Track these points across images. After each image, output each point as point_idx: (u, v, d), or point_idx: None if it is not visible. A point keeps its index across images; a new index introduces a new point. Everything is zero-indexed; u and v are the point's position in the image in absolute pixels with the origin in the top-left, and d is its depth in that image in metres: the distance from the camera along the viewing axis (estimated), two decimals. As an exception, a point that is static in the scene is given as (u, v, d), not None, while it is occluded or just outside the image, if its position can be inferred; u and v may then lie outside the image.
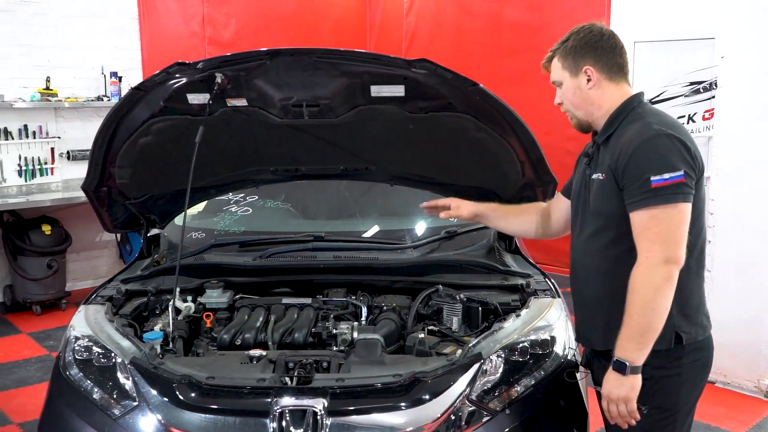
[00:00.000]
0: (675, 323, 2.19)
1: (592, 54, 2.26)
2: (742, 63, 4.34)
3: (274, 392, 2.30)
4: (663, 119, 2.21)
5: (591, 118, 2.32)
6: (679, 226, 2.11)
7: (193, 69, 2.57)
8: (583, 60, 2.27)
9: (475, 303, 2.93)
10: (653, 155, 2.11)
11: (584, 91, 2.28)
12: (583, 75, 2.27)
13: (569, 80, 2.30)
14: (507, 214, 2.82)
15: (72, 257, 6.62)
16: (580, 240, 2.38)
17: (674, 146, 2.12)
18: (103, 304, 2.94)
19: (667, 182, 2.08)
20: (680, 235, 2.11)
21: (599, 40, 2.27)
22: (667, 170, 2.08)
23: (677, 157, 2.10)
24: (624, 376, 2.14)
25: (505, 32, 7.32)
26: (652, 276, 2.10)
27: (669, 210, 2.09)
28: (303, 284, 3.17)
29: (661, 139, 2.12)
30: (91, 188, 3.06)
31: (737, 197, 4.37)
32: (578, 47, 2.27)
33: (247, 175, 3.28)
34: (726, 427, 4.12)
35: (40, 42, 6.38)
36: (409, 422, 2.29)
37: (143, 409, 2.36)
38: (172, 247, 3.47)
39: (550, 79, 2.38)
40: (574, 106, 2.33)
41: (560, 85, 2.34)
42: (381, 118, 2.82)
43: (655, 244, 2.10)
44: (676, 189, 2.09)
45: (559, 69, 2.32)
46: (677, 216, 2.10)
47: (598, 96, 2.28)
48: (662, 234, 2.09)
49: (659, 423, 2.27)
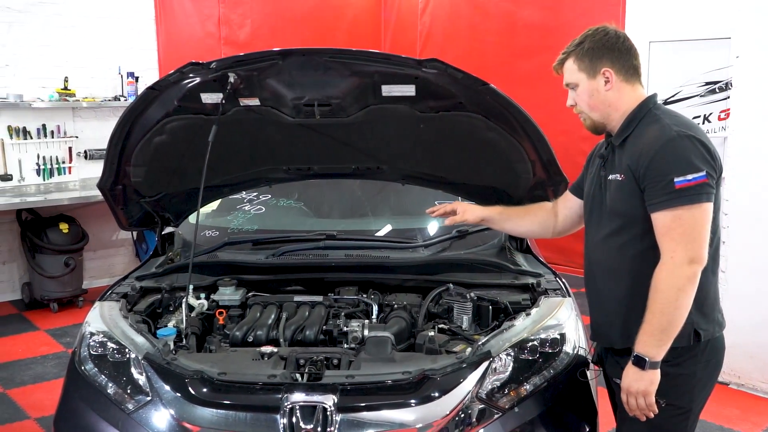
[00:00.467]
0: (693, 320, 2.23)
1: (610, 56, 2.27)
2: (757, 63, 4.31)
3: (284, 388, 2.32)
4: (680, 120, 2.24)
5: (607, 120, 2.33)
6: (704, 226, 2.15)
7: (206, 69, 2.61)
8: (601, 62, 2.27)
9: (485, 302, 2.95)
10: (675, 156, 2.13)
11: (602, 93, 2.29)
12: (601, 77, 2.27)
13: (586, 82, 2.30)
14: (513, 216, 2.83)
15: (89, 255, 6.69)
16: (597, 240, 2.39)
17: (695, 147, 2.14)
18: (117, 300, 2.98)
19: (691, 183, 2.11)
20: (704, 235, 2.15)
21: (615, 42, 2.28)
22: (690, 171, 2.11)
23: (699, 157, 2.13)
24: (643, 370, 2.18)
25: (520, 32, 7.30)
26: (676, 276, 2.13)
27: (693, 210, 2.12)
28: (315, 282, 3.20)
29: (683, 140, 2.14)
30: (106, 186, 3.11)
31: (752, 198, 4.34)
32: (595, 49, 2.27)
33: (259, 173, 3.31)
34: (739, 429, 4.10)
35: (58, 42, 6.45)
36: (418, 419, 2.31)
37: (156, 404, 2.39)
38: (186, 245, 3.50)
39: (564, 81, 2.38)
40: (591, 108, 2.33)
41: (575, 87, 2.34)
42: (392, 118, 2.84)
43: (679, 245, 2.13)
44: (700, 189, 2.11)
45: (574, 71, 2.31)
46: (701, 216, 2.13)
47: (615, 98, 2.29)
48: (686, 234, 2.12)
49: (672, 419, 2.30)
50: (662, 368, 2.21)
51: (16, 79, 6.25)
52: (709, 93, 5.79)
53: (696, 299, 2.20)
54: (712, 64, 5.62)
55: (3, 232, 6.42)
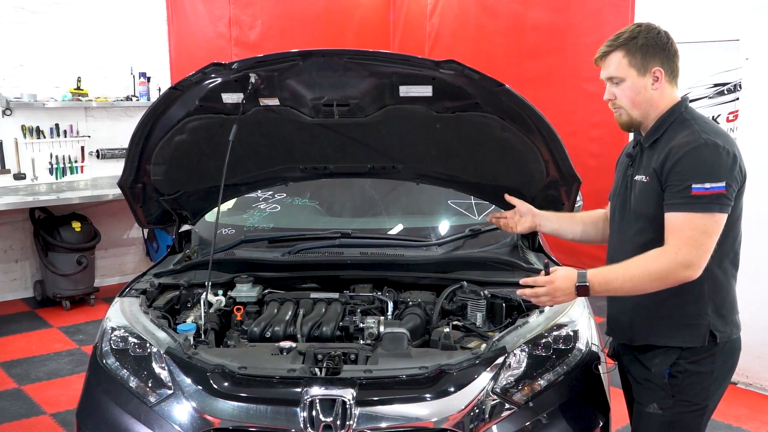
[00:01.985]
0: (710, 322, 2.29)
1: (661, 55, 2.28)
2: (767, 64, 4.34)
3: (304, 382, 2.37)
4: (710, 127, 2.26)
5: (645, 118, 2.35)
6: (711, 236, 2.17)
7: (228, 69, 2.65)
8: (653, 60, 2.27)
9: (498, 299, 2.99)
10: (699, 163, 2.17)
11: (648, 91, 2.30)
12: (650, 75, 2.28)
13: (635, 78, 2.29)
14: (566, 222, 2.84)
15: (100, 254, 6.75)
16: (620, 238, 2.44)
17: (720, 157, 2.17)
18: (137, 296, 3.04)
19: (708, 192, 2.15)
20: (709, 245, 2.18)
21: (667, 42, 2.30)
22: (710, 180, 2.15)
23: (722, 167, 2.16)
24: (576, 291, 2.26)
25: (529, 33, 7.32)
26: (670, 269, 2.18)
27: (705, 219, 2.16)
28: (330, 279, 3.25)
29: (709, 148, 2.18)
30: (126, 185, 3.15)
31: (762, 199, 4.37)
32: (650, 46, 2.27)
33: (277, 172, 3.36)
34: (747, 428, 4.13)
35: (71, 43, 6.51)
36: (434, 413, 2.35)
37: (178, 397, 2.44)
38: (203, 242, 3.55)
39: (606, 74, 2.35)
40: (633, 104, 2.33)
41: (620, 82, 2.32)
42: (409, 118, 2.88)
43: (686, 246, 2.16)
44: (715, 199, 2.15)
45: (624, 65, 2.29)
46: (711, 226, 2.17)
47: (658, 97, 2.31)
48: (693, 239, 2.16)
49: (686, 415, 2.36)
50: (680, 365, 2.30)
51: (29, 78, 6.32)
52: (718, 95, 5.81)
53: (715, 301, 2.28)
54: (721, 65, 5.64)
55: (16, 230, 6.48)
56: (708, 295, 2.29)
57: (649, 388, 2.40)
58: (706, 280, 2.26)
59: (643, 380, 2.42)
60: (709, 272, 2.24)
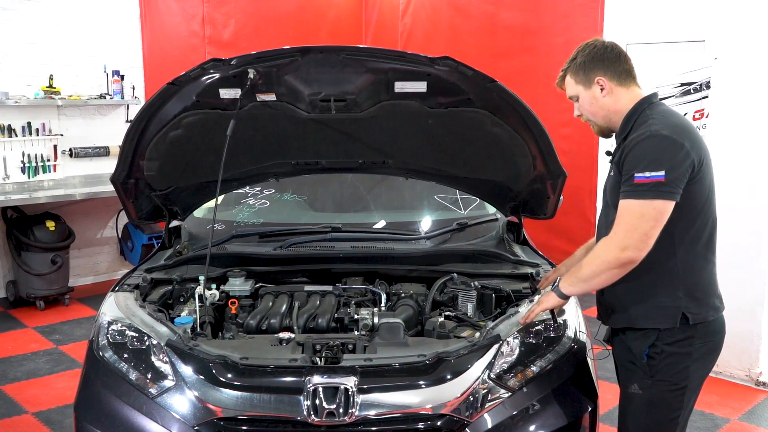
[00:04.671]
0: (682, 305, 2.40)
1: (601, 65, 2.45)
2: (734, 64, 4.51)
3: (306, 371, 2.43)
4: (666, 121, 2.36)
5: (610, 123, 2.51)
6: (648, 221, 2.30)
7: (227, 65, 2.68)
8: (594, 72, 2.46)
9: (488, 290, 3.08)
10: (643, 154, 2.30)
11: (600, 99, 2.47)
12: (596, 86, 2.46)
13: (584, 92, 2.49)
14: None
15: (74, 253, 6.67)
16: (605, 229, 2.54)
17: (664, 147, 2.29)
18: (131, 291, 3.05)
19: (647, 180, 2.27)
20: (646, 229, 2.30)
21: (604, 52, 2.46)
22: (650, 169, 2.28)
23: (664, 157, 2.27)
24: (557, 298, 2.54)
25: (500, 34, 7.45)
26: (608, 252, 2.36)
27: (643, 205, 2.29)
28: (322, 273, 3.29)
29: (655, 139, 2.30)
30: (119, 180, 3.15)
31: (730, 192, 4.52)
32: (587, 62, 2.47)
33: (269, 168, 3.39)
34: (719, 414, 4.29)
35: (43, 40, 6.45)
36: (434, 398, 2.43)
37: (180, 388, 2.47)
38: (193, 237, 3.57)
39: (567, 95, 2.57)
40: (593, 115, 2.52)
41: (577, 99, 2.53)
42: (402, 113, 2.94)
43: (622, 230, 2.33)
44: (653, 187, 2.27)
45: (572, 84, 2.51)
46: (649, 212, 2.29)
47: (612, 102, 2.46)
48: (630, 224, 2.31)
49: (666, 394, 2.47)
50: (657, 346, 2.43)
51: (1, 76, 6.23)
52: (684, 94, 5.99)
53: (686, 284, 2.40)
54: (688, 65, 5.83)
55: (-13, 230, 6.38)
56: (680, 279, 2.40)
57: (630, 369, 2.52)
58: (677, 264, 2.39)
59: (627, 362, 2.54)
60: (680, 256, 2.39)
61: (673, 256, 2.39)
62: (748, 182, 4.48)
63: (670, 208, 2.30)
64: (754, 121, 4.45)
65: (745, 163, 4.48)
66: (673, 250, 2.39)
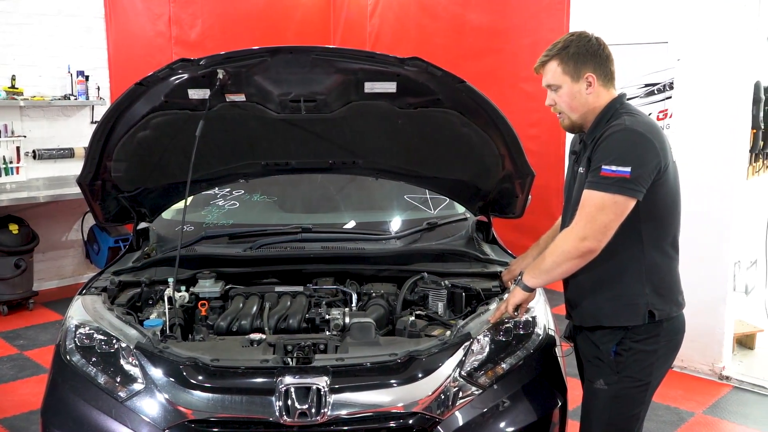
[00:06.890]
0: (649, 301, 2.45)
1: (593, 62, 2.43)
2: (697, 65, 4.60)
3: (277, 372, 2.42)
4: (636, 119, 2.41)
5: (584, 120, 2.51)
6: (608, 214, 2.33)
7: (195, 65, 2.66)
8: (585, 67, 2.43)
9: (458, 289, 3.10)
10: (612, 147, 2.33)
11: (583, 95, 2.46)
12: (584, 81, 2.44)
13: (569, 85, 2.45)
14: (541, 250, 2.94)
15: (38, 257, 6.55)
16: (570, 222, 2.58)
17: (634, 143, 2.33)
18: (98, 294, 3.01)
19: (613, 174, 2.31)
20: (605, 222, 2.34)
21: (598, 49, 2.45)
22: (616, 163, 2.31)
23: (632, 154, 2.31)
24: (523, 291, 2.58)
25: (468, 34, 7.49)
26: (568, 242, 2.40)
27: (604, 198, 2.33)
28: (293, 274, 3.28)
29: (625, 134, 2.34)
30: (86, 181, 3.11)
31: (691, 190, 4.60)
32: (580, 54, 2.43)
33: (238, 168, 3.37)
34: (684, 408, 4.37)
35: (5, 40, 6.32)
36: (405, 397, 2.44)
37: (150, 391, 2.45)
38: (161, 239, 3.53)
39: (545, 82, 2.51)
40: (571, 109, 2.49)
41: (557, 89, 2.48)
42: (372, 113, 2.95)
43: (582, 220, 2.37)
44: (617, 182, 2.31)
45: (558, 73, 2.45)
46: (610, 205, 2.33)
47: (593, 100, 2.46)
48: (590, 215, 2.35)
49: (630, 390, 2.52)
50: (627, 344, 2.47)
51: (-39, 77, 6.12)
52: (648, 95, 6.11)
53: (652, 281, 2.45)
54: (651, 66, 5.94)
55: (-52, 234, 6.23)
56: (646, 276, 2.45)
57: (597, 365, 2.56)
58: (644, 262, 2.44)
59: (593, 358, 2.58)
60: (647, 254, 2.44)
61: (641, 254, 2.44)
62: (710, 180, 4.57)
63: (631, 204, 2.34)
64: (716, 120, 4.54)
65: (708, 161, 4.57)
66: (641, 248, 2.44)
